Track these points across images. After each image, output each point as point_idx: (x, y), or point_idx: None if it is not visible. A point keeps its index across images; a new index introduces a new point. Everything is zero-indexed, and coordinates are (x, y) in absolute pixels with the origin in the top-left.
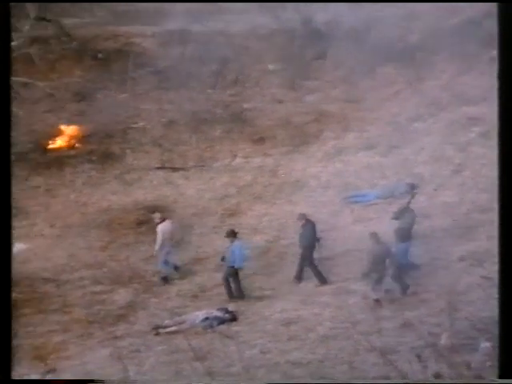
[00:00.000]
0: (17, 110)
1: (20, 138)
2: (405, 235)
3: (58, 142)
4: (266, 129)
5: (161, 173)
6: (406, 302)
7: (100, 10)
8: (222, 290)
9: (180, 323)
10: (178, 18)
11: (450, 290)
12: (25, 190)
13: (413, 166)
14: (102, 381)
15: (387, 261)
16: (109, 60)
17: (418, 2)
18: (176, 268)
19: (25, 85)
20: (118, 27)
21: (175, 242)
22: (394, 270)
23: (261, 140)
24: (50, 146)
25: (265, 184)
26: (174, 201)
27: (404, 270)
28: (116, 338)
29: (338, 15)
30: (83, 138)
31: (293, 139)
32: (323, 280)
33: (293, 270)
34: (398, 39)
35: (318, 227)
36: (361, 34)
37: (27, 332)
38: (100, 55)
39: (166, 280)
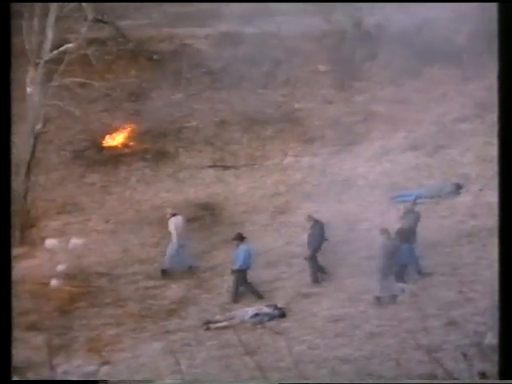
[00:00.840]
0: (74, 109)
1: (77, 137)
2: (407, 236)
3: (114, 141)
4: (316, 129)
5: (212, 171)
6: (451, 301)
7: (155, 12)
8: (272, 286)
9: (230, 319)
10: (231, 20)
11: (494, 289)
12: (81, 186)
13: (459, 167)
14: (105, 381)
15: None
16: (163, 61)
17: (422, 1)
18: (190, 267)
19: (82, 85)
20: (172, 29)
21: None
22: (397, 270)
23: (311, 140)
24: (106, 145)
25: (314, 183)
26: (225, 198)
27: (408, 271)
28: (168, 332)
29: (387, 18)
30: (138, 137)
31: (342, 139)
32: (316, 280)
33: (341, 269)
34: (445, 41)
35: (365, 226)
36: (409, 36)
37: (82, 325)
38: (155, 56)
39: (164, 272)
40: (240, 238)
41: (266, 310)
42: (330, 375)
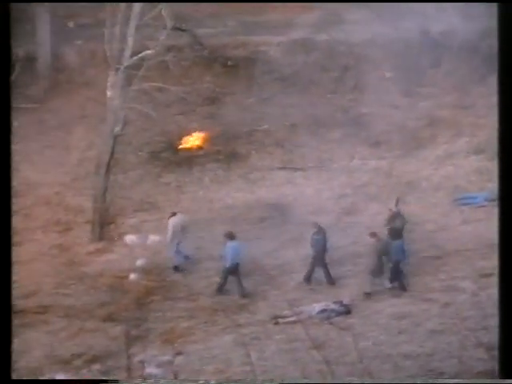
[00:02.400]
0: (151, 112)
1: (154, 138)
2: (397, 234)
3: (189, 143)
4: (382, 133)
5: (282, 173)
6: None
7: (231, 20)
8: (338, 284)
9: (298, 314)
10: (303, 28)
11: None
12: (157, 186)
13: None
14: (116, 381)
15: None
16: (237, 67)
17: (420, 2)
18: (186, 257)
19: (159, 89)
20: (246, 37)
21: (185, 233)
22: (392, 266)
23: (377, 143)
24: (181, 146)
25: (379, 185)
26: (293, 199)
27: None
28: (238, 325)
29: (452, 26)
30: (211, 139)
31: (407, 143)
32: (331, 281)
33: (404, 268)
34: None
35: (428, 227)
36: (473, 44)
37: (157, 317)
38: (229, 62)
39: (176, 269)
40: (230, 236)
41: (333, 306)
42: (393, 371)
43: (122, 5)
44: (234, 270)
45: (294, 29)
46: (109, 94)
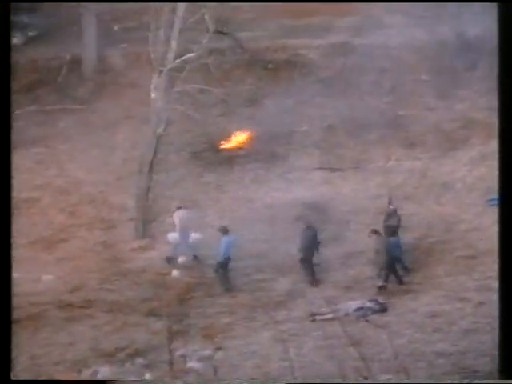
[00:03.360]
0: (193, 113)
1: (196, 139)
2: (392, 231)
3: (229, 143)
4: (418, 134)
5: (320, 173)
6: None
7: (271, 24)
8: (374, 282)
9: (335, 311)
10: (342, 32)
11: None
12: (198, 185)
13: None
14: (113, 381)
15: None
16: (277, 70)
17: (420, 1)
18: (195, 257)
19: (201, 91)
20: (286, 40)
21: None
22: (388, 262)
23: (412, 145)
24: (222, 146)
25: (415, 185)
26: (331, 199)
27: (398, 262)
28: (277, 322)
29: (487, 29)
30: (251, 140)
31: (442, 144)
32: (313, 281)
33: (439, 267)
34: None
35: (462, 227)
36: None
37: (197, 313)
38: (269, 65)
39: (169, 260)
40: (224, 231)
41: (369, 304)
42: (427, 368)
43: (166, 9)
44: (225, 264)
45: (333, 32)
46: (152, 95)
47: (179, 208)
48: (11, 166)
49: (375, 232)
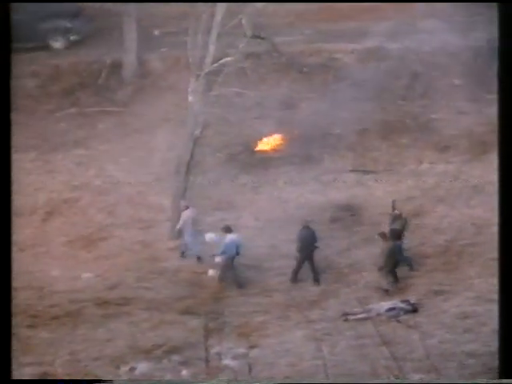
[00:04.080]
0: (230, 116)
1: (232, 141)
2: (396, 235)
3: (265, 146)
4: (450, 138)
5: (353, 175)
6: None
7: (307, 29)
8: (406, 283)
9: (367, 312)
10: (376, 36)
11: None
12: (234, 186)
13: None
14: (110, 381)
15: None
16: (312, 73)
17: (419, 1)
18: (199, 258)
19: (238, 94)
20: (322, 44)
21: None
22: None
23: (445, 148)
24: (258, 149)
25: (447, 188)
26: (364, 200)
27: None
28: (310, 321)
29: None
30: (286, 143)
31: (474, 148)
32: (294, 279)
33: (470, 269)
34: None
35: (493, 230)
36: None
37: (232, 311)
38: (305, 69)
39: (183, 255)
40: (227, 230)
41: (401, 305)
42: (457, 368)
43: (205, 14)
44: (230, 262)
45: (367, 37)
46: (190, 98)
47: (187, 208)
48: (11, 167)
49: (383, 235)
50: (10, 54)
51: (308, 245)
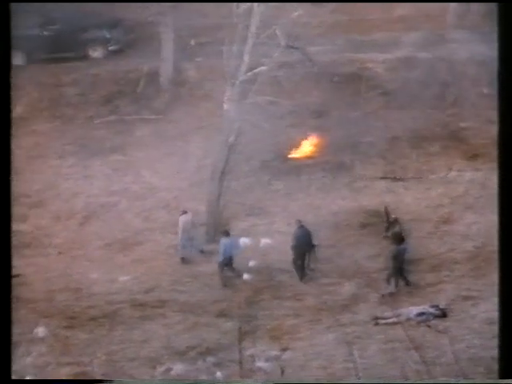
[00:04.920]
0: (263, 124)
1: (265, 148)
2: (400, 239)
3: (297, 153)
4: (479, 146)
5: (384, 182)
6: None
7: (340, 39)
8: (434, 288)
9: (397, 316)
10: (406, 46)
11: None
12: (267, 192)
13: None
14: (110, 381)
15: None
16: (344, 82)
17: (422, 2)
18: (202, 251)
19: (271, 103)
20: (354, 54)
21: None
22: (397, 268)
23: (473, 156)
24: (291, 156)
25: (475, 196)
26: (394, 207)
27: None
28: (341, 325)
29: None
30: (319, 150)
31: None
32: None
33: (496, 275)
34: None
35: None
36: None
37: (265, 315)
38: (337, 78)
39: (184, 260)
40: (226, 234)
41: (430, 309)
42: (485, 372)
43: (241, 25)
44: (228, 263)
45: (398, 47)
46: (225, 106)
47: (184, 212)
48: (11, 168)
49: (395, 238)
50: (10, 54)
51: (302, 243)
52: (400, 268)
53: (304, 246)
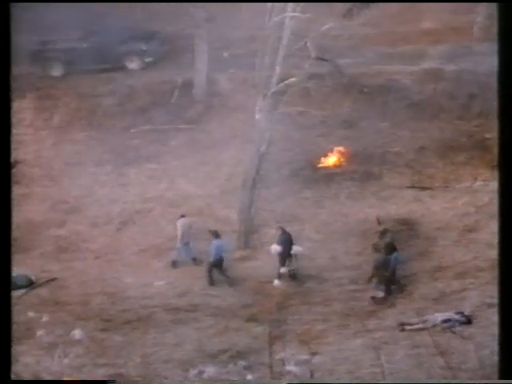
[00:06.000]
0: (294, 134)
1: (296, 157)
2: (391, 248)
3: (327, 162)
4: None
5: (411, 191)
6: None
7: (369, 52)
8: (460, 295)
9: (423, 322)
10: (433, 59)
11: None
12: (297, 200)
13: None
14: (112, 381)
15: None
16: (373, 94)
17: (420, 1)
18: (194, 259)
19: (301, 113)
20: (382, 66)
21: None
22: (388, 274)
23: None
24: (320, 165)
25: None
26: (421, 216)
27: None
28: (368, 330)
29: None
30: (347, 159)
31: None
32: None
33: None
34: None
35: None
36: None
37: (294, 319)
38: (366, 89)
39: (174, 264)
40: (215, 235)
41: (456, 316)
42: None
43: (272, 37)
44: (218, 264)
45: (425, 59)
46: (257, 116)
47: (182, 216)
48: (11, 171)
49: (375, 248)
50: (10, 54)
51: (285, 248)
52: (391, 275)
53: (287, 250)
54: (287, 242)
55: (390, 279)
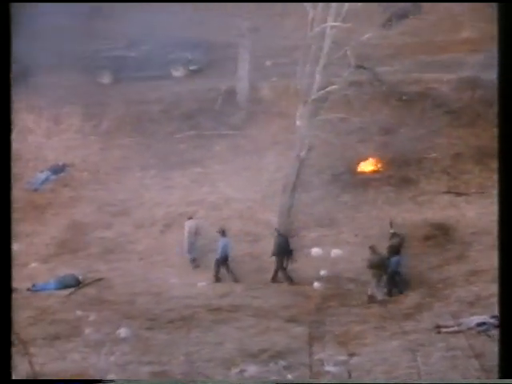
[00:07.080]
0: (333, 139)
1: (335, 163)
2: (394, 251)
3: (365, 167)
4: None
5: (447, 197)
6: None
7: (407, 60)
8: (495, 299)
9: (459, 325)
10: (470, 67)
11: None
12: (336, 204)
13: None
14: (111, 381)
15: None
16: (411, 101)
17: (421, 2)
18: (193, 260)
19: (341, 120)
20: (420, 74)
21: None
22: (388, 276)
23: None
24: (358, 170)
25: None
26: (456, 221)
27: (397, 276)
28: (405, 332)
29: None
30: (385, 165)
31: None
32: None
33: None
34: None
35: None
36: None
37: (333, 321)
38: (404, 97)
39: (194, 261)
40: (222, 233)
41: (490, 320)
42: None
43: (313, 46)
44: (224, 261)
45: (462, 68)
46: (298, 123)
47: (190, 218)
48: (11, 173)
49: (372, 249)
50: (10, 54)
51: (282, 249)
52: (391, 277)
53: (284, 251)
54: (284, 243)
55: (391, 281)
